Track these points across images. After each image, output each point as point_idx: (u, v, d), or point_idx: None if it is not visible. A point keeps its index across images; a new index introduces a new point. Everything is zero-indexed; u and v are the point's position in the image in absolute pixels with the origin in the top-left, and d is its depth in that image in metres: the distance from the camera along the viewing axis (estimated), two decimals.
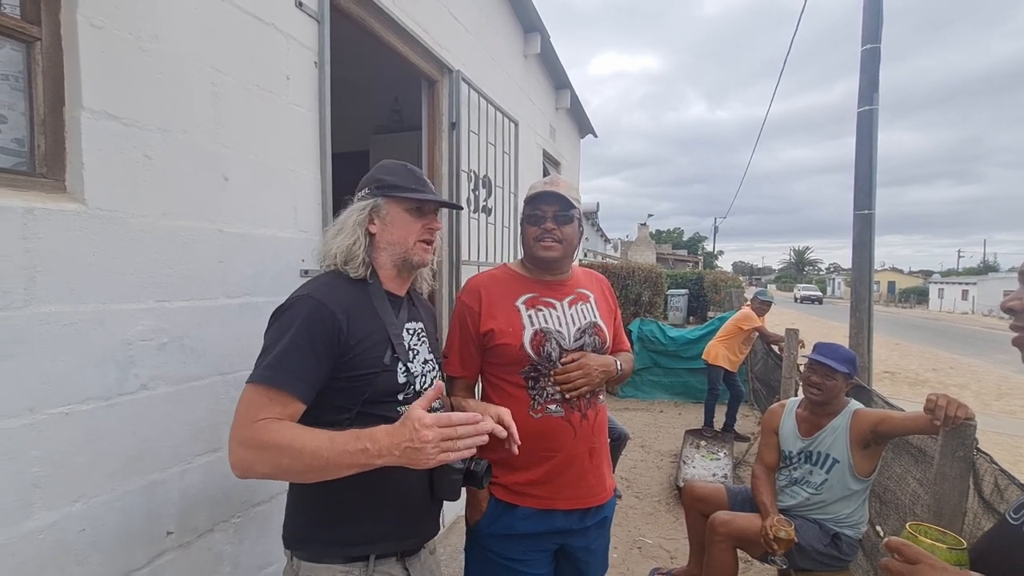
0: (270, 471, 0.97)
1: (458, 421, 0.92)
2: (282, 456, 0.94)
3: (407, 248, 1.20)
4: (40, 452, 1.13)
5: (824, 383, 2.16)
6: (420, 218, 1.21)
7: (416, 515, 1.19)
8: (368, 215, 1.19)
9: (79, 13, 1.18)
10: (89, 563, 1.22)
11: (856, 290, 4.39)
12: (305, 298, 1.09)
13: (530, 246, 1.45)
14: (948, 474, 1.73)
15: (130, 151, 1.30)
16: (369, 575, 1.11)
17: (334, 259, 1.16)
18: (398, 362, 1.15)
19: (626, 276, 9.11)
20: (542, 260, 1.45)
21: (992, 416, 7.10)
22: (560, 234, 1.42)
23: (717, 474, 4.11)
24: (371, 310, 1.15)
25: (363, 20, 2.21)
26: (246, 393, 1.02)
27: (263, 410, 0.99)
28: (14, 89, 1.16)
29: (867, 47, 4.09)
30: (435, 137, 2.98)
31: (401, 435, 0.91)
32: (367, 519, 1.12)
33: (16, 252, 1.08)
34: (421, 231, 1.21)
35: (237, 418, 1.00)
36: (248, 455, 0.97)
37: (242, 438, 0.97)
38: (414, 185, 1.21)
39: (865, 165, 4.17)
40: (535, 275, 1.50)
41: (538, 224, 1.42)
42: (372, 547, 1.12)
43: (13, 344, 1.08)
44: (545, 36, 4.30)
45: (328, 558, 1.10)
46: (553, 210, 1.42)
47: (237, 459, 0.98)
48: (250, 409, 0.99)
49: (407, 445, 0.90)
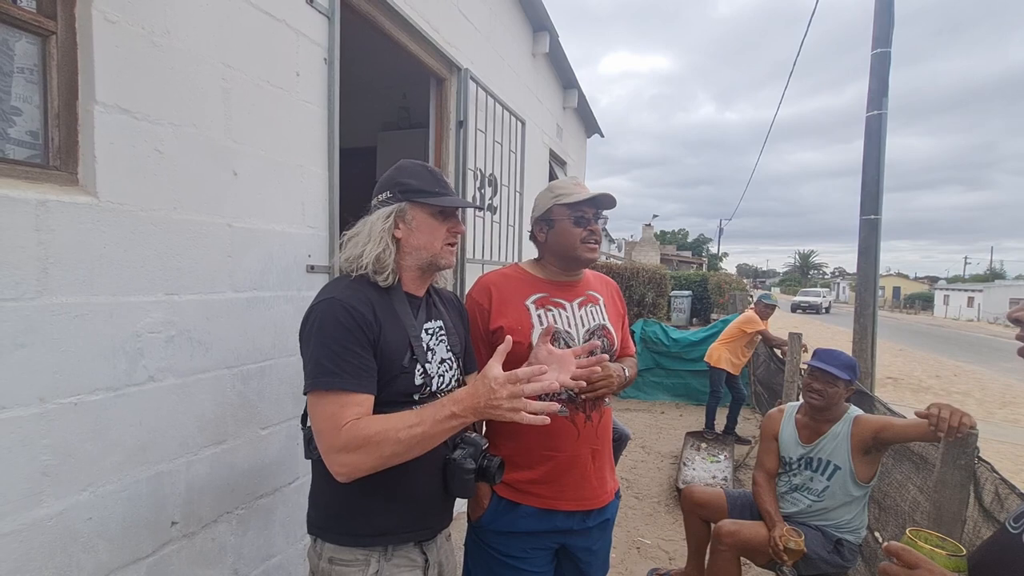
0: (376, 463, 1.01)
1: (525, 376, 0.98)
2: (383, 447, 0.99)
3: (435, 252, 1.21)
4: (50, 441, 1.15)
5: (825, 389, 2.16)
6: (445, 222, 1.22)
7: (429, 511, 1.21)
8: (394, 221, 1.19)
9: (94, 8, 1.19)
10: (96, 551, 1.24)
11: (861, 295, 4.38)
12: (335, 302, 1.09)
13: (574, 247, 1.45)
14: (949, 482, 1.73)
15: (141, 145, 1.31)
16: (388, 558, 1.15)
17: (364, 268, 1.15)
18: (416, 364, 1.16)
19: (630, 277, 9.10)
20: (585, 261, 1.47)
21: (996, 424, 7.06)
22: (599, 236, 1.47)
23: (717, 476, 4.11)
24: (393, 313, 1.16)
25: (373, 17, 2.22)
26: (318, 404, 1.04)
27: (343, 414, 1.02)
28: (29, 82, 1.18)
29: (877, 51, 4.07)
30: (442, 135, 2.98)
31: (479, 394, 0.98)
32: (381, 514, 1.15)
33: (30, 244, 1.10)
34: (447, 235, 1.22)
35: (322, 430, 1.02)
36: (351, 459, 1.00)
37: (339, 445, 1.00)
38: (437, 188, 1.21)
39: (873, 170, 4.15)
40: (548, 276, 1.51)
41: (585, 226, 1.44)
42: (387, 539, 1.16)
43: (26, 334, 1.09)
44: (554, 35, 4.29)
45: (349, 543, 1.15)
46: (595, 212, 1.46)
47: (340, 465, 1.01)
48: (332, 418, 1.02)
49: (486, 402, 0.97)
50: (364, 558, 1.13)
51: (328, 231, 1.96)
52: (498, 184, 3.48)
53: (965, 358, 14.48)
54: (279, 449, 1.79)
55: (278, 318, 1.75)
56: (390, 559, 1.15)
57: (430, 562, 1.22)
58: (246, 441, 1.66)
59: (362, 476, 1.02)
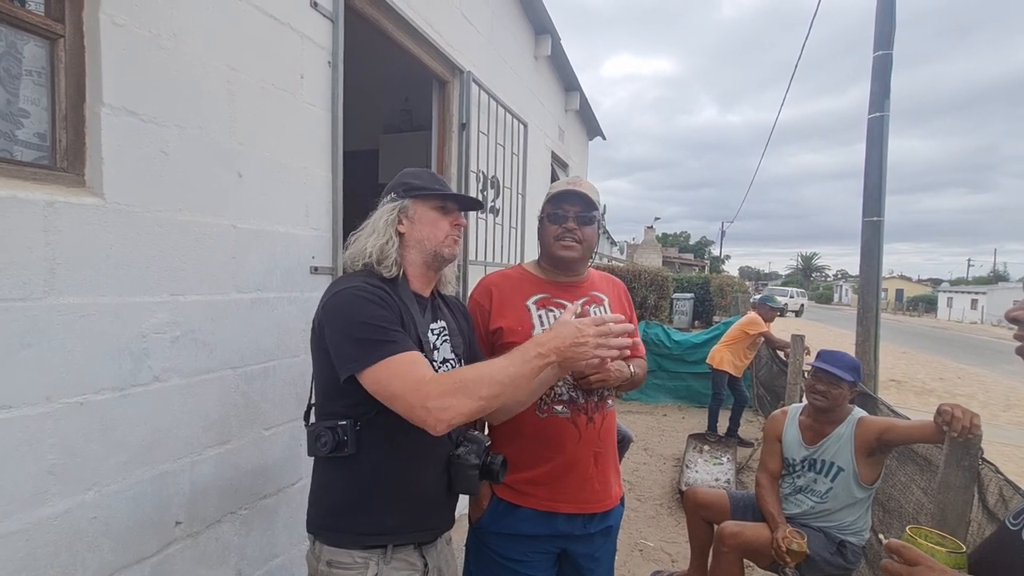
0: (475, 406, 1.00)
1: (610, 319, 1.08)
2: (481, 387, 1.00)
3: (437, 243, 1.24)
4: (56, 440, 1.15)
5: (829, 391, 2.15)
6: (446, 215, 1.26)
7: (432, 509, 1.22)
8: (397, 216, 1.23)
9: (101, 11, 1.21)
10: (101, 550, 1.25)
11: (863, 297, 4.37)
12: (353, 290, 1.11)
13: (549, 244, 1.45)
14: (953, 483, 1.72)
15: (147, 147, 1.32)
16: (387, 562, 1.15)
17: (368, 257, 1.19)
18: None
19: (632, 279, 9.11)
20: (561, 259, 1.45)
21: (1000, 427, 7.03)
22: (580, 235, 1.43)
23: (720, 479, 4.10)
24: (404, 306, 1.20)
25: (376, 20, 2.23)
26: (384, 374, 1.02)
27: (419, 371, 1.03)
28: (37, 85, 1.19)
29: (879, 53, 4.07)
30: (445, 137, 2.99)
31: (565, 335, 1.04)
32: (384, 511, 1.15)
33: (38, 244, 1.11)
34: (449, 228, 1.26)
35: (405, 390, 1.01)
36: (452, 402, 0.98)
37: (435, 393, 0.99)
38: (438, 186, 1.28)
39: (875, 171, 4.15)
40: (550, 276, 1.50)
41: (559, 223, 1.42)
42: (389, 538, 1.16)
43: (32, 334, 1.10)
44: (556, 38, 4.31)
45: (348, 544, 1.15)
46: (575, 210, 1.42)
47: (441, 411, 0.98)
48: (408, 375, 1.01)
49: (572, 340, 1.03)
50: (363, 561, 1.13)
51: (332, 233, 1.97)
52: (500, 186, 3.49)
53: (969, 361, 14.42)
54: (282, 450, 1.80)
55: (282, 319, 1.76)
56: (389, 562, 1.15)
57: (429, 566, 1.22)
58: (250, 441, 1.67)
59: (460, 423, 1.01)
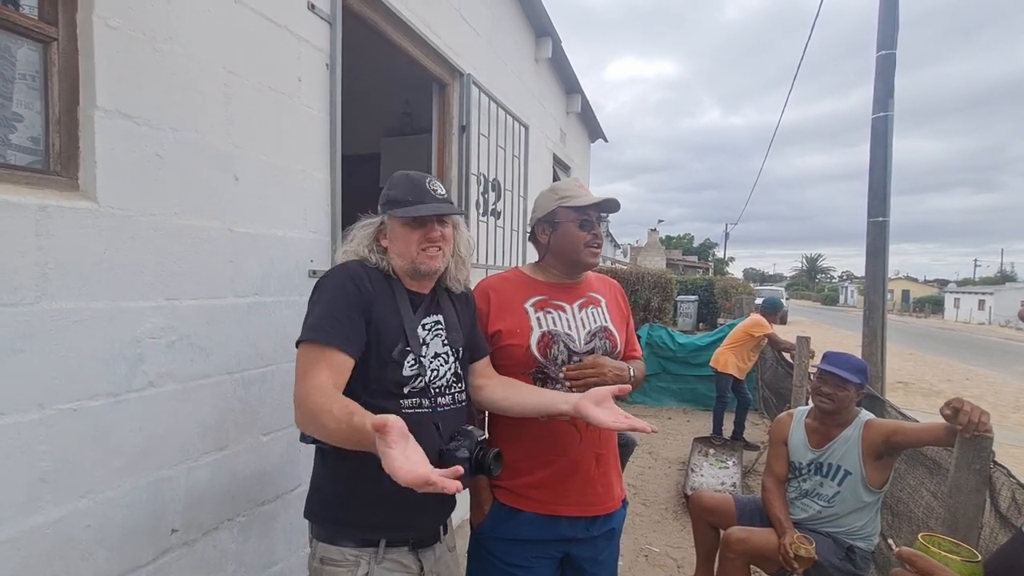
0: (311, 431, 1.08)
1: None
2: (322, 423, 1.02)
3: (412, 258, 1.24)
4: (48, 447, 1.14)
5: (836, 393, 2.12)
6: (417, 228, 1.24)
7: (422, 507, 1.19)
8: (376, 230, 1.28)
9: (95, 14, 1.20)
10: (94, 559, 1.23)
11: (869, 298, 4.32)
12: (340, 267, 1.21)
13: (577, 250, 1.44)
14: (964, 487, 1.69)
15: (142, 150, 1.31)
16: (379, 561, 1.15)
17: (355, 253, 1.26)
18: (407, 355, 1.19)
19: (636, 282, 9.08)
20: (587, 265, 1.48)
21: (1009, 429, 6.94)
22: (602, 240, 1.48)
23: (726, 483, 4.06)
24: (391, 298, 1.22)
25: (374, 23, 2.22)
26: (300, 354, 1.12)
27: (316, 365, 1.08)
28: (30, 88, 1.18)
29: (882, 53, 4.04)
30: (445, 140, 2.98)
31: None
32: (372, 504, 1.15)
33: (30, 249, 1.09)
34: (420, 241, 1.23)
35: (301, 377, 1.09)
36: (298, 415, 1.07)
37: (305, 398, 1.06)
38: (411, 197, 1.23)
39: (880, 172, 4.11)
40: (548, 278, 1.50)
41: (589, 229, 1.44)
42: (378, 532, 1.16)
43: (24, 339, 1.09)
44: (557, 40, 4.30)
45: (341, 539, 1.16)
46: (599, 216, 1.47)
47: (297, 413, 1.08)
48: (305, 367, 1.09)
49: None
50: (354, 559, 1.14)
51: (330, 236, 1.96)
52: (501, 189, 3.47)
53: (977, 362, 14.28)
54: (281, 455, 1.78)
55: (280, 323, 1.74)
56: (380, 562, 1.15)
57: (425, 570, 1.21)
58: (247, 447, 1.65)
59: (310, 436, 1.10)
